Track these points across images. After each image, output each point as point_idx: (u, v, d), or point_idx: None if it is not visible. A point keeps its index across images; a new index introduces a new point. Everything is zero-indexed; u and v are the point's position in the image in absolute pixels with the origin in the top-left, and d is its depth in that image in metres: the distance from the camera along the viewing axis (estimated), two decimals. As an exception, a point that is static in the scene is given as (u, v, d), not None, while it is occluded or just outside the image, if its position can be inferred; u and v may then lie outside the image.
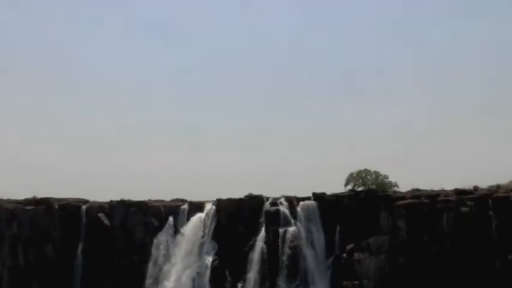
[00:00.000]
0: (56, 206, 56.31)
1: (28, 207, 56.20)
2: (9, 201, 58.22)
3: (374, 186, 48.83)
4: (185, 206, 55.04)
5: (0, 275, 54.36)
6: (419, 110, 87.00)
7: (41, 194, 57.89)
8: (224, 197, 53.57)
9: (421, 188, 49.36)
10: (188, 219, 53.86)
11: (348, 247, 47.53)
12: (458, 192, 46.06)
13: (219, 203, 53.54)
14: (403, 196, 47.97)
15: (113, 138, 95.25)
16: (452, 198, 45.32)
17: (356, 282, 45.68)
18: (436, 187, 48.66)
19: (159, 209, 55.63)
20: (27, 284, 54.32)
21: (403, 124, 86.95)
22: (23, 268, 54.65)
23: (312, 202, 50.51)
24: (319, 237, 49.08)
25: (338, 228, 48.81)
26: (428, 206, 45.46)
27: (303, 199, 50.92)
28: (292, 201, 50.63)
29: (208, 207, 53.77)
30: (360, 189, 49.50)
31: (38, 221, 55.46)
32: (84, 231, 55.85)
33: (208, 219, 53.11)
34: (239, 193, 53.90)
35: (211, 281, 50.21)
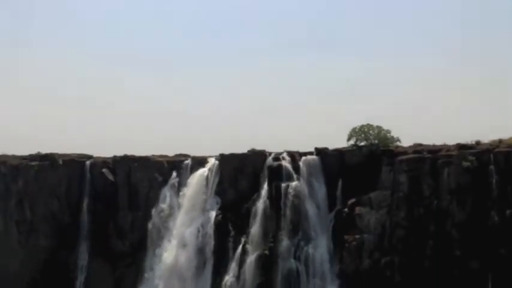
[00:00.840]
0: (60, 162, 57.48)
1: (33, 163, 57.47)
2: (14, 157, 59.56)
3: (376, 141, 49.13)
4: (188, 161, 55.84)
5: (8, 230, 56.22)
6: (423, 65, 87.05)
7: (44, 149, 59.30)
8: (227, 152, 54.25)
9: (424, 143, 49.89)
10: (191, 175, 54.74)
11: (350, 202, 48.27)
12: (460, 147, 46.36)
13: (222, 158, 54.13)
14: (405, 151, 48.40)
15: (111, 92, 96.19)
16: (454, 153, 45.64)
17: (357, 236, 46.64)
18: (439, 142, 49.22)
19: (163, 164, 56.54)
20: (35, 239, 56.14)
21: (407, 78, 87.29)
22: (30, 223, 56.39)
23: (314, 157, 51.00)
24: (321, 192, 49.81)
25: (340, 183, 49.49)
26: (430, 160, 45.87)
27: (306, 154, 51.40)
28: (294, 156, 51.16)
29: (211, 162, 54.42)
30: (362, 144, 49.80)
31: (43, 177, 56.83)
32: (89, 186, 57.26)
33: (211, 174, 53.82)
34: (242, 148, 54.79)
35: (214, 235, 51.27)
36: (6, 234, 56.15)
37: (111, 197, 56.70)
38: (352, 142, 50.34)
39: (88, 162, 57.85)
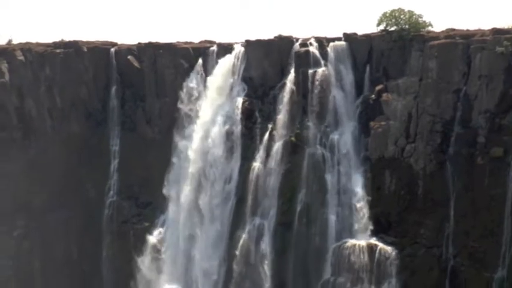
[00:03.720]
0: (85, 49, 60.24)
1: (58, 50, 60.28)
2: (38, 44, 62.25)
3: (407, 26, 49.59)
4: (214, 48, 57.55)
5: (42, 116, 60.90)
6: None
7: (66, 37, 62.25)
8: (253, 38, 55.65)
9: (457, 28, 50.45)
10: (217, 61, 56.75)
11: (377, 88, 50.12)
12: (496, 31, 46.51)
13: (248, 44, 55.56)
14: (436, 36, 48.90)
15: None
16: (488, 38, 46.06)
17: (383, 123, 49.05)
18: (473, 27, 49.70)
19: (188, 50, 58.46)
20: (67, 125, 60.95)
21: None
22: (61, 110, 60.78)
23: (342, 43, 52.00)
24: (348, 78, 51.46)
25: (368, 69, 51.20)
26: (462, 45, 46.60)
27: (334, 40, 52.35)
28: (322, 42, 52.15)
29: (237, 48, 55.94)
30: (393, 29, 50.29)
31: (69, 64, 59.92)
32: (115, 73, 60.37)
33: (237, 60, 55.58)
34: (268, 34, 56.32)
35: (241, 122, 54.37)
36: (40, 121, 61.00)
37: (138, 84, 59.96)
38: (382, 27, 50.93)
39: (113, 50, 60.39)
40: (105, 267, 59.74)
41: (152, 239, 57.88)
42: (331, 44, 52.25)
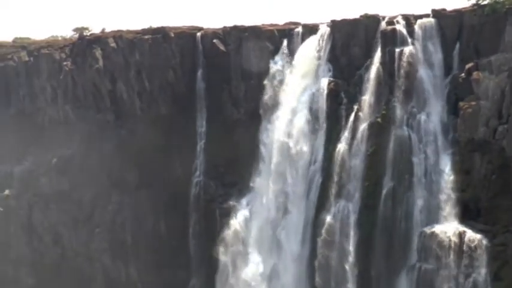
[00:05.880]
0: (172, 35, 63.53)
1: (146, 37, 64.16)
2: (128, 31, 66.83)
3: (501, -1, 48.42)
4: (299, 29, 58.53)
5: (132, 99, 65.33)
6: None
7: (154, 23, 66.04)
8: (338, 18, 56.04)
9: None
10: (302, 43, 57.77)
11: (467, 66, 48.90)
12: None
13: (334, 25, 56.05)
14: (534, 8, 47.42)
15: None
16: None
17: (473, 103, 47.87)
18: None
19: (273, 33, 59.83)
20: (156, 107, 64.82)
21: None
22: (150, 93, 64.71)
23: (430, 19, 51.38)
24: (437, 57, 50.78)
25: (458, 46, 50.22)
26: None
27: (421, 17, 51.82)
28: (409, 20, 51.76)
29: (323, 29, 56.61)
30: (485, 2, 48.91)
31: (157, 49, 63.60)
32: (202, 57, 63.25)
33: (322, 41, 56.31)
34: (354, 13, 56.30)
35: (327, 103, 55.02)
36: (131, 104, 65.40)
37: (224, 67, 62.26)
38: (473, 1, 49.69)
39: (199, 34, 63.23)
40: (192, 244, 63.32)
41: (238, 218, 60.34)
42: (419, 21, 51.71)
